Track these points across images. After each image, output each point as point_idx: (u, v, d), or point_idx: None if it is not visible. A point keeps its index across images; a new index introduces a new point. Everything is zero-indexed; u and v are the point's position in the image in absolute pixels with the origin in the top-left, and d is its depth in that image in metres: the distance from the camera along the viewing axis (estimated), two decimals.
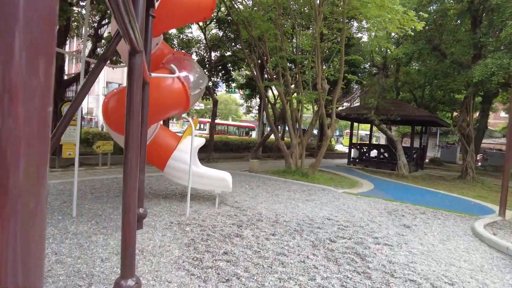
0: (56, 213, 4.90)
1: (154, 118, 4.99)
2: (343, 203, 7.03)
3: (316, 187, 8.82)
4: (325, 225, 5.18)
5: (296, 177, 10.08)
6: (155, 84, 4.86)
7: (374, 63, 16.17)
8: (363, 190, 8.91)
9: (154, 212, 5.29)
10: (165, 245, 3.87)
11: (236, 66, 16.57)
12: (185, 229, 4.51)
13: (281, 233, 4.64)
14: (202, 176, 5.75)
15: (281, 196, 7.32)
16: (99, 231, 4.23)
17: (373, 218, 5.90)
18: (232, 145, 16.58)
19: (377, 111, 13.73)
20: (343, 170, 13.99)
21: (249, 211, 5.76)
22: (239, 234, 4.41)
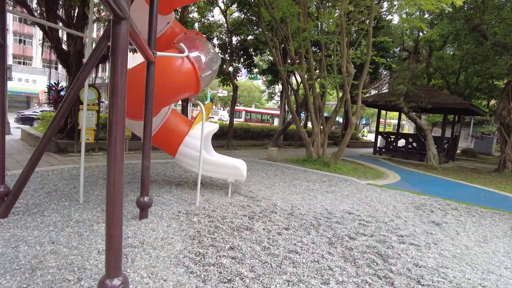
0: (64, 199, 4.77)
1: (162, 102, 4.70)
2: (366, 195, 6.54)
3: (338, 177, 8.34)
4: (345, 220, 4.76)
5: (317, 166, 9.62)
6: (162, 64, 4.56)
7: (405, 47, 15.14)
8: (388, 182, 8.34)
9: (164, 200, 5.06)
10: (168, 237, 3.61)
11: (259, 51, 16.07)
12: (192, 219, 4.24)
13: (295, 227, 4.27)
14: (214, 164, 5.45)
15: (299, 186, 6.93)
16: (102, 219, 4.04)
17: (398, 213, 5.40)
18: (253, 132, 16.23)
19: (407, 98, 12.87)
20: (368, 160, 13.34)
21: (263, 202, 5.43)
22: (249, 227, 4.09)
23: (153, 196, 5.22)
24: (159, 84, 4.49)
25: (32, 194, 4.92)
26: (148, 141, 4.05)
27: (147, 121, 4.01)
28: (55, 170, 6.67)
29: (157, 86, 4.48)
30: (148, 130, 4.03)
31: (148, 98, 3.98)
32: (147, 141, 4.05)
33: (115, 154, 2.17)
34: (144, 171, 4.07)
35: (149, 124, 4.03)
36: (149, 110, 4.01)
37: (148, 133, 4.04)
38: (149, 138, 4.05)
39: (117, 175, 2.20)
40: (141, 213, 4.16)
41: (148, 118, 4.01)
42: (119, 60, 2.11)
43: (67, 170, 6.78)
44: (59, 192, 5.13)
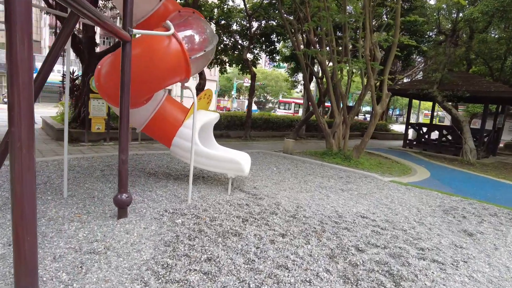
0: (49, 193, 4.45)
1: (147, 88, 4.20)
2: (386, 195, 5.76)
3: (357, 173, 7.55)
4: (356, 226, 4.07)
5: (337, 160, 8.85)
6: (145, 44, 4.04)
7: (441, 29, 13.71)
8: (415, 179, 7.44)
9: (154, 196, 4.62)
10: (139, 242, 3.14)
11: (281, 37, 15.26)
12: (176, 220, 3.75)
13: (294, 233, 3.66)
14: (211, 158, 4.91)
15: (311, 183, 6.25)
16: (79, 217, 3.64)
17: (422, 218, 4.62)
18: (273, 122, 15.55)
19: (441, 85, 11.63)
20: (396, 153, 12.30)
21: (265, 200, 4.84)
22: (238, 233, 3.53)
23: (145, 191, 4.81)
24: (142, 67, 3.99)
25: None
26: (125, 131, 3.57)
27: (123, 109, 3.53)
28: (55, 160, 6.45)
29: (140, 69, 3.99)
30: (124, 119, 3.55)
31: (124, 83, 3.49)
32: (124, 132, 3.57)
33: (18, 147, 1.66)
34: (121, 166, 3.61)
35: (125, 113, 3.54)
36: (125, 97, 3.52)
37: (125, 122, 3.55)
38: (126, 128, 3.57)
39: (25, 174, 1.71)
40: (119, 212, 3.72)
41: (125, 106, 3.52)
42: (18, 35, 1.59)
43: (69, 160, 6.53)
44: (48, 184, 4.83)
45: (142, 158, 7.22)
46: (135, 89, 4.17)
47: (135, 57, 4.00)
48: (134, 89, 4.18)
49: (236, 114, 14.25)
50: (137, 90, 4.22)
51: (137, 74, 4.01)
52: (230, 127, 13.54)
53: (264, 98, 56.69)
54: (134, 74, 4.00)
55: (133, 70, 3.98)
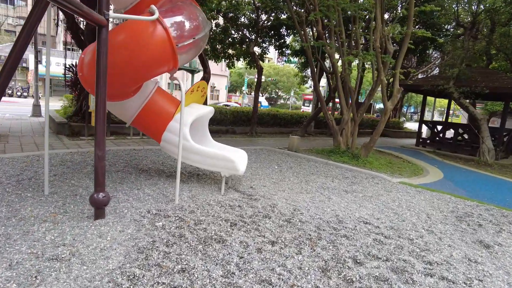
0: (31, 189, 4.21)
1: (131, 78, 3.88)
2: (394, 198, 5.33)
3: (364, 173, 7.11)
4: (356, 233, 3.67)
5: (344, 159, 8.41)
6: (127, 30, 3.72)
7: (459, 22, 12.97)
8: (426, 181, 6.95)
9: (141, 195, 4.32)
10: (110, 248, 2.83)
11: (291, 31, 14.78)
12: (156, 223, 3.43)
13: (285, 241, 3.29)
14: (202, 154, 4.58)
15: (313, 183, 5.86)
16: (53, 217, 3.36)
17: (431, 225, 4.18)
18: (281, 118, 15.13)
19: (458, 82, 10.98)
20: (408, 152, 11.74)
21: (260, 202, 4.48)
22: (223, 239, 3.18)
23: (133, 189, 4.51)
24: (125, 55, 3.68)
25: (1, 181, 4.42)
26: (101, 125, 3.26)
27: (99, 101, 3.21)
28: (49, 154, 6.22)
29: (123, 58, 3.68)
30: (100, 112, 3.23)
31: (100, 72, 3.17)
32: (100, 126, 3.26)
33: None
34: (97, 162, 3.30)
35: (101, 105, 3.22)
36: (101, 88, 3.20)
37: (101, 115, 3.24)
38: (102, 121, 3.26)
39: None
40: (96, 213, 3.42)
41: (101, 97, 3.21)
42: None
43: (61, 155, 6.32)
44: (33, 180, 4.59)
45: (138, 154, 6.95)
46: (119, 79, 3.87)
47: (118, 45, 3.69)
48: (118, 79, 3.88)
49: (243, 109, 13.90)
50: (121, 81, 3.91)
51: (120, 63, 3.70)
52: (236, 123, 13.20)
53: (275, 94, 56.14)
54: (117, 63, 3.70)
55: (116, 59, 3.68)
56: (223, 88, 40.33)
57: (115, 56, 3.65)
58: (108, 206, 3.82)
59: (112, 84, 3.92)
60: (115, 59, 3.67)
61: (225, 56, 14.40)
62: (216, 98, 40.85)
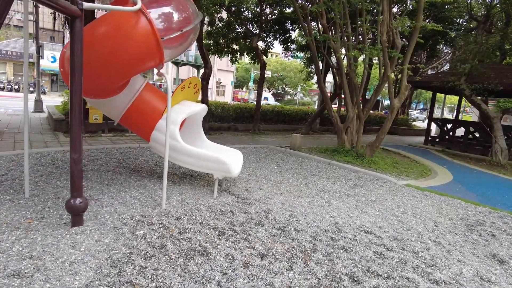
0: (11, 191, 3.99)
1: (113, 73, 3.60)
2: (399, 203, 4.99)
3: (369, 174, 6.76)
4: (356, 244, 3.36)
5: (348, 159, 8.06)
6: (109, 22, 3.43)
7: (472, 15, 12.42)
8: (434, 183, 6.58)
9: (127, 198, 4.06)
10: (82, 261, 2.57)
11: (296, 25, 14.37)
12: (137, 232, 3.17)
13: (277, 253, 3.00)
14: (192, 155, 4.30)
15: (313, 185, 5.54)
16: (29, 223, 3.12)
17: (439, 235, 3.84)
18: (285, 115, 14.78)
19: (470, 78, 10.49)
20: (416, 151, 11.32)
21: (255, 207, 4.20)
22: (207, 251, 2.90)
23: (120, 192, 4.27)
24: (107, 49, 3.39)
25: None
26: (77, 126, 3.00)
27: (74, 99, 2.95)
28: (40, 152, 6.04)
29: (104, 52, 3.40)
30: (76, 111, 2.97)
31: (74, 67, 2.89)
32: (75, 126, 3.00)
33: None
34: (73, 166, 3.05)
35: (76, 102, 2.96)
36: (76, 84, 2.93)
37: (76, 115, 2.98)
38: (78, 121, 3.00)
39: None
40: (73, 219, 3.17)
41: (76, 95, 2.94)
42: None
43: (53, 153, 6.12)
44: (17, 181, 4.38)
45: (133, 152, 6.72)
46: (101, 75, 3.61)
47: (98, 38, 3.42)
48: (100, 76, 3.62)
49: (246, 106, 13.59)
50: (104, 77, 3.64)
51: (101, 58, 3.43)
52: (239, 120, 12.91)
53: (282, 89, 55.60)
54: (98, 58, 3.43)
55: (97, 54, 3.41)
56: (229, 84, 40.00)
57: (95, 50, 3.38)
58: (90, 210, 3.59)
59: (94, 80, 3.66)
60: (96, 54, 3.40)
61: (228, 51, 14.07)
62: (222, 94, 40.59)
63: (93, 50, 3.36)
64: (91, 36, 3.35)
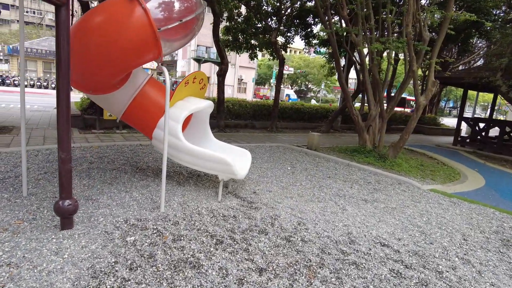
0: (11, 189, 3.88)
1: (110, 67, 3.37)
2: (422, 211, 4.51)
3: (391, 177, 6.27)
4: (370, 259, 2.98)
5: (369, 159, 7.57)
6: (102, 12, 3.21)
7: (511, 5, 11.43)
8: (464, 189, 5.99)
9: (126, 199, 3.86)
10: (61, 270, 2.36)
11: (318, 19, 13.85)
12: (128, 238, 2.93)
13: (278, 268, 2.68)
14: (196, 155, 4.03)
15: (328, 189, 5.15)
16: (18, 225, 2.97)
17: (468, 251, 3.37)
18: (305, 113, 14.32)
19: (507, 73, 9.64)
20: (444, 152, 10.58)
21: (261, 211, 3.89)
22: (199, 263, 2.62)
23: (121, 192, 4.08)
24: (99, 42, 3.17)
25: None
26: (64, 123, 2.79)
27: (61, 93, 2.74)
28: (50, 149, 5.99)
29: (97, 45, 3.18)
30: (63, 107, 2.76)
31: (60, 59, 2.68)
32: (63, 124, 2.79)
33: None
34: (61, 166, 2.85)
35: (64, 97, 2.75)
36: (63, 78, 2.71)
37: (64, 111, 2.77)
38: (65, 118, 2.78)
39: None
40: (62, 222, 2.98)
41: (63, 89, 2.73)
42: None
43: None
44: (19, 178, 4.28)
45: (143, 150, 6.56)
46: (96, 69, 3.40)
47: (92, 29, 3.21)
48: (95, 70, 3.41)
49: (264, 103, 13.26)
50: (100, 70, 3.43)
51: (96, 50, 3.21)
52: (256, 117, 12.61)
53: (305, 86, 54.74)
54: (91, 50, 3.22)
55: (91, 46, 3.20)
56: (251, 81, 39.76)
57: (89, 43, 3.17)
58: (85, 212, 3.41)
59: (90, 74, 3.47)
60: (90, 47, 3.19)
61: (247, 47, 13.77)
62: (243, 91, 40.40)
63: (87, 42, 3.16)
64: (84, 28, 3.15)
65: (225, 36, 13.48)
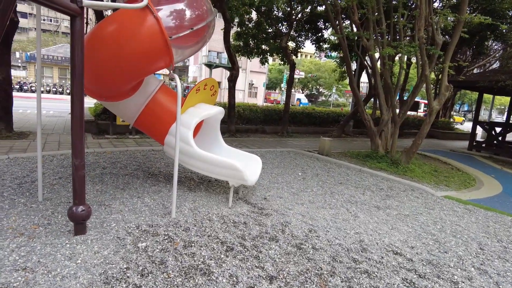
0: (27, 194, 3.97)
1: (121, 75, 3.44)
2: (435, 218, 4.42)
3: (403, 183, 6.17)
4: (382, 268, 2.93)
5: (382, 165, 7.47)
6: (116, 21, 3.28)
7: None
8: (479, 196, 5.85)
9: (138, 205, 3.90)
10: (74, 275, 2.40)
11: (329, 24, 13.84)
12: (139, 244, 2.96)
13: (288, 276, 2.66)
14: (206, 161, 4.05)
15: (339, 195, 5.10)
16: (33, 230, 3.03)
17: (485, 261, 3.29)
18: (316, 117, 14.25)
19: None
20: (459, 157, 10.37)
21: (271, 218, 3.88)
22: (209, 270, 2.63)
23: (133, 197, 4.12)
24: (112, 50, 3.24)
25: (3, 183, 4.24)
26: (78, 131, 2.85)
27: (75, 101, 2.80)
28: (64, 154, 6.12)
29: (110, 53, 3.25)
30: (77, 114, 2.82)
31: (75, 68, 2.75)
32: (76, 130, 2.85)
33: None
34: (75, 172, 2.90)
35: (78, 105, 2.81)
36: (77, 86, 2.78)
37: (77, 118, 2.83)
38: (79, 126, 2.84)
39: None
40: (75, 228, 3.04)
41: (77, 97, 2.79)
42: None
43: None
44: (36, 183, 4.38)
45: (155, 155, 6.64)
46: (110, 76, 3.47)
47: (106, 38, 3.28)
48: (109, 77, 3.48)
49: (274, 107, 13.25)
50: (113, 78, 3.50)
51: (109, 58, 3.28)
52: (267, 122, 12.61)
53: (316, 91, 54.56)
54: (104, 58, 3.29)
55: (104, 54, 3.27)
56: (261, 86, 39.87)
57: (102, 51, 3.24)
58: (98, 217, 3.46)
59: (103, 82, 3.54)
60: (103, 55, 3.26)
61: (258, 52, 13.84)
62: (254, 95, 40.53)
63: (100, 50, 3.23)
64: (98, 36, 3.22)
65: (236, 42, 13.59)
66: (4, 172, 4.71)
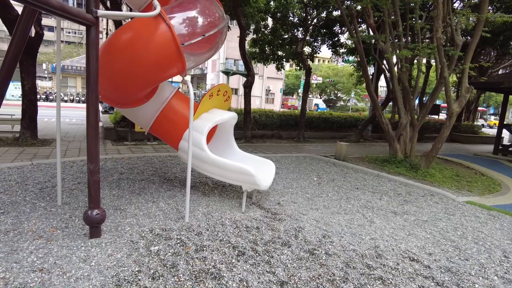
0: (48, 198, 4.12)
1: (135, 82, 3.52)
2: (456, 224, 4.26)
3: (422, 188, 5.98)
4: (397, 275, 2.84)
5: (400, 170, 7.29)
6: (129, 30, 3.37)
7: None
8: (504, 201, 5.59)
9: (153, 210, 3.96)
10: (87, 277, 2.45)
11: (345, 28, 13.74)
12: (152, 247, 3.00)
13: (300, 282, 2.62)
14: (219, 166, 4.08)
15: (355, 200, 5.00)
16: (51, 233, 3.13)
17: (510, 269, 3.13)
18: (333, 122, 14.08)
19: None
20: (483, 162, 9.97)
21: (284, 223, 3.84)
22: (220, 274, 2.63)
23: (148, 202, 4.19)
24: (126, 58, 3.33)
25: (26, 188, 4.42)
26: (93, 136, 2.93)
27: (90, 107, 2.89)
28: (84, 160, 6.30)
29: (124, 61, 3.34)
30: (92, 120, 2.91)
31: (90, 76, 2.84)
32: (92, 136, 2.93)
33: None
34: (90, 177, 2.98)
35: (93, 112, 2.90)
36: (93, 93, 2.87)
37: (92, 124, 2.91)
38: (94, 131, 2.93)
39: None
40: (91, 231, 3.11)
41: (92, 103, 2.88)
42: None
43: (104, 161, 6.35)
44: (55, 188, 4.53)
45: (171, 161, 6.74)
46: (124, 83, 3.56)
47: (120, 46, 3.38)
48: (124, 84, 3.57)
49: (291, 113, 13.21)
50: (127, 85, 3.60)
51: (122, 66, 3.38)
52: (283, 127, 12.58)
53: (334, 95, 54.05)
54: (119, 66, 3.39)
55: (118, 62, 3.37)
56: (278, 91, 39.89)
57: (117, 59, 3.34)
58: (113, 221, 3.53)
59: (118, 89, 3.64)
60: (118, 63, 3.36)
61: (274, 58, 13.89)
62: (271, 101, 40.58)
63: (115, 58, 3.33)
64: (113, 45, 3.32)
65: (252, 48, 13.69)
66: (27, 177, 4.90)
